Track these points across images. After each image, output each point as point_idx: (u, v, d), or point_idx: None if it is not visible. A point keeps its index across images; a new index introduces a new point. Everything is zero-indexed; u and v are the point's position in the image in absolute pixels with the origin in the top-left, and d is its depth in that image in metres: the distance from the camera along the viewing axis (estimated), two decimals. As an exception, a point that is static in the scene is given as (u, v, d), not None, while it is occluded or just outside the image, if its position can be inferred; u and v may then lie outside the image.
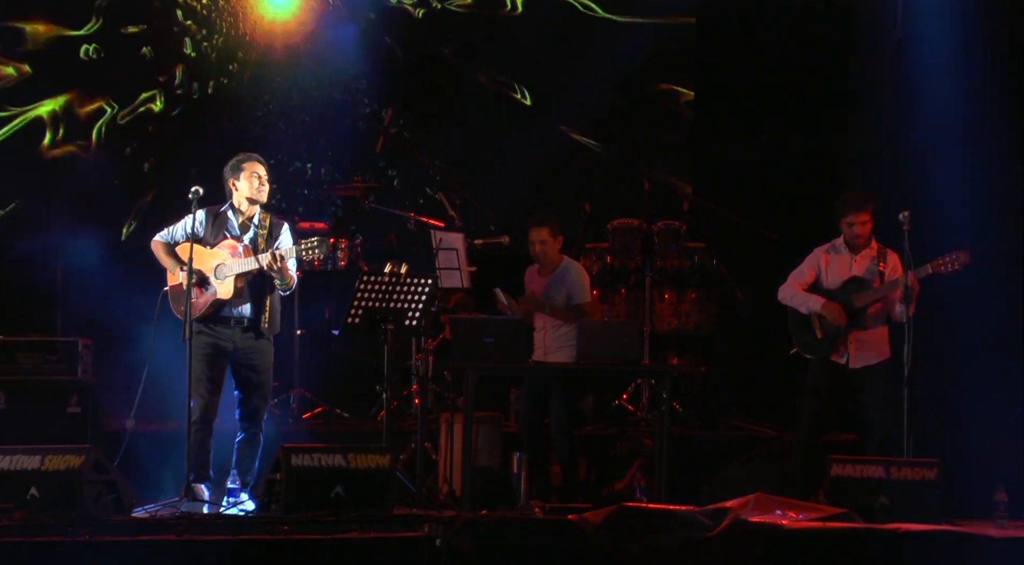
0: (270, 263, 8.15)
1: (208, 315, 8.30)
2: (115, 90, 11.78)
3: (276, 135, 11.88)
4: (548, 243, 9.62)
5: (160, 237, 8.55)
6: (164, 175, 11.61)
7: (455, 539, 7.01)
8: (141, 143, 11.77)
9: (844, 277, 8.89)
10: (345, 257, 11.13)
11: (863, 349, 8.79)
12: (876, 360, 8.79)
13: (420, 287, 8.35)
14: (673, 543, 7.16)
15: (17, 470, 7.39)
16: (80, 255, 11.02)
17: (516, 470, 8.82)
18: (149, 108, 11.80)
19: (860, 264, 8.90)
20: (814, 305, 8.84)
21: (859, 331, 8.78)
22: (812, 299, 8.86)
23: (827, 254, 9.00)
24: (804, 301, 8.90)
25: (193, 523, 7.19)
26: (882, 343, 8.83)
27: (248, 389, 8.41)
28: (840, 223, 8.91)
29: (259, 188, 8.40)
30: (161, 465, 9.01)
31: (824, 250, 9.03)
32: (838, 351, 8.80)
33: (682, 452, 9.50)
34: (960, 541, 7.20)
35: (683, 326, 11.30)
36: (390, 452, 7.73)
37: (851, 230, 8.86)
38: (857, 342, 8.79)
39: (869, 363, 8.78)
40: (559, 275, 9.65)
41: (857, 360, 8.80)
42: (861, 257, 8.91)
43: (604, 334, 9.18)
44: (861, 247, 8.89)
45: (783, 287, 9.04)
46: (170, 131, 11.76)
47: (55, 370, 9.58)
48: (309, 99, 12.11)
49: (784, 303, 9.01)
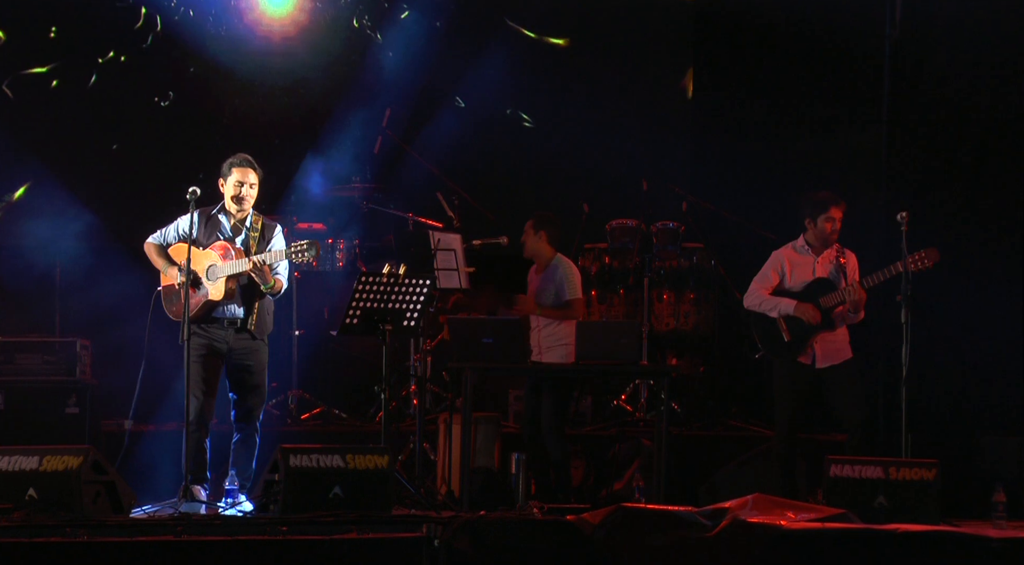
0: (253, 268, 8.15)
1: (199, 316, 8.30)
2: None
3: (275, 134, 11.88)
4: (528, 235, 9.68)
5: (152, 239, 8.56)
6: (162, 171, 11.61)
7: (453, 540, 7.01)
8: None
9: (808, 278, 8.91)
10: (343, 258, 11.14)
11: (828, 350, 8.84)
12: (840, 360, 8.84)
13: (418, 288, 8.34)
14: (672, 543, 7.15)
15: (16, 471, 7.38)
16: (80, 255, 11.03)
17: (514, 470, 8.82)
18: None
19: (823, 265, 8.92)
20: (785, 308, 8.86)
21: (826, 332, 8.81)
22: (783, 302, 8.88)
23: (789, 256, 9.01)
24: (774, 305, 8.92)
25: (191, 524, 7.18)
26: (845, 344, 8.89)
27: (243, 390, 8.42)
28: (814, 221, 8.90)
29: (241, 195, 8.39)
30: (159, 466, 9.01)
31: (786, 252, 9.04)
32: (804, 353, 8.83)
33: (681, 452, 9.51)
34: (959, 541, 7.20)
35: (681, 327, 11.31)
36: (388, 453, 7.72)
37: (830, 226, 8.86)
38: (823, 343, 8.83)
39: (834, 363, 8.83)
40: (549, 272, 9.67)
41: (823, 360, 8.84)
42: (823, 258, 8.94)
43: (603, 335, 9.18)
44: (825, 247, 8.91)
45: (748, 294, 9.06)
46: (165, 125, 11.75)
47: (54, 371, 9.59)
48: (309, 97, 12.12)
49: (752, 309, 9.03)
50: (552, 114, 12.37)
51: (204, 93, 11.76)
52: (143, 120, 11.66)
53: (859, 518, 7.49)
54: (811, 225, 8.94)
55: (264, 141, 11.52)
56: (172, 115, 11.70)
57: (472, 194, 11.56)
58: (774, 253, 9.09)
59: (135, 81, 11.66)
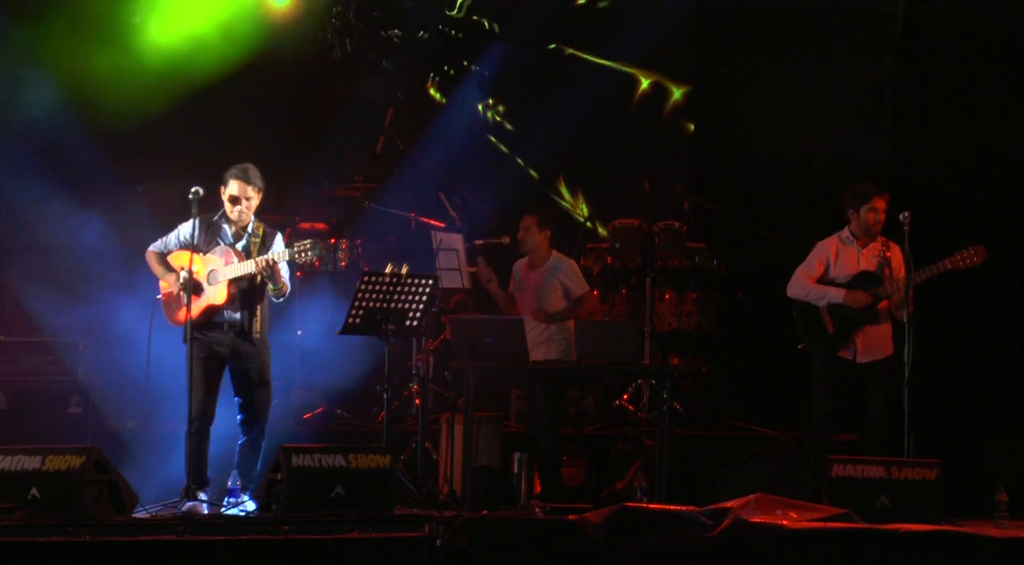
0: (263, 268, 8.16)
1: (201, 321, 8.30)
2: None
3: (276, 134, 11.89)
4: (531, 231, 9.66)
5: (154, 247, 8.57)
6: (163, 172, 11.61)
7: (455, 539, 7.01)
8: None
9: (853, 271, 8.85)
10: (345, 258, 11.14)
11: (870, 344, 8.77)
12: (882, 355, 8.78)
13: (421, 287, 8.34)
14: (674, 543, 7.15)
15: (18, 470, 7.39)
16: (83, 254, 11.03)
17: (516, 470, 8.83)
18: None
19: (867, 258, 8.87)
20: (834, 296, 8.77)
21: (870, 325, 8.75)
22: (831, 290, 8.80)
23: (835, 246, 8.95)
24: (822, 293, 8.82)
25: (194, 523, 7.19)
26: (887, 339, 8.81)
27: (248, 394, 8.42)
28: (857, 212, 8.81)
29: (235, 208, 8.39)
30: (161, 466, 9.02)
31: (833, 242, 8.96)
32: (847, 346, 8.79)
33: (683, 452, 9.50)
34: (960, 541, 7.20)
35: (683, 326, 11.31)
36: (391, 452, 7.72)
37: (873, 216, 8.77)
38: (865, 337, 8.76)
39: (875, 358, 8.77)
40: (550, 270, 9.66)
41: (864, 355, 8.77)
42: (868, 251, 8.88)
43: (605, 334, 9.17)
44: (871, 238, 8.87)
45: (793, 282, 8.95)
46: (169, 129, 11.75)
47: (56, 371, 9.59)
48: (309, 96, 12.13)
49: (796, 298, 8.91)
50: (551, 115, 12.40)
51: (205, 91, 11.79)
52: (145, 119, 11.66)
53: (861, 518, 7.49)
54: (854, 216, 8.87)
55: (266, 140, 11.54)
56: (173, 114, 11.71)
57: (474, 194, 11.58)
58: (819, 243, 9.00)
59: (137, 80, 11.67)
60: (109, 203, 11.27)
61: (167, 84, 11.51)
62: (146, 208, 11.12)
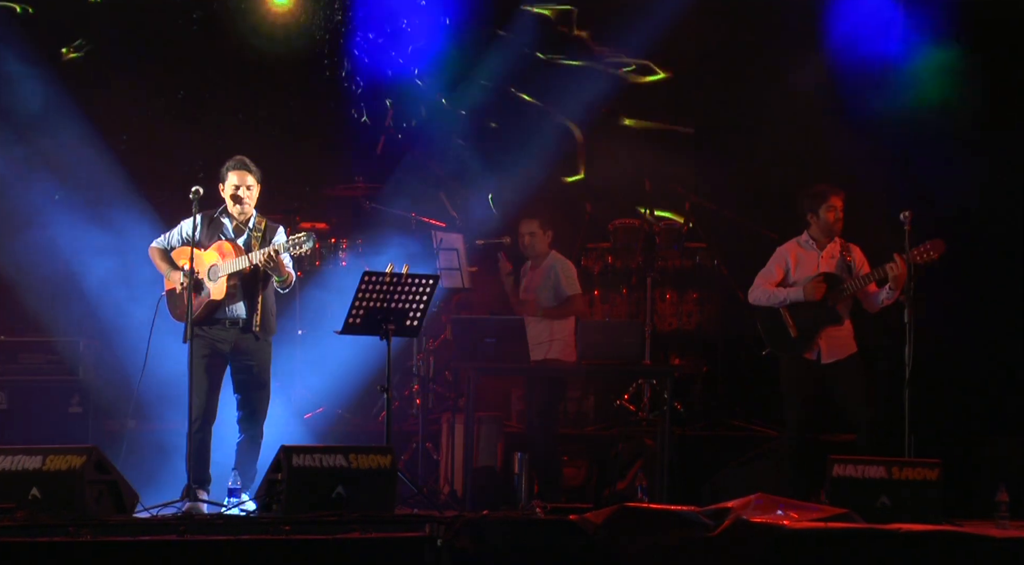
0: (264, 260, 8.15)
1: (202, 318, 8.31)
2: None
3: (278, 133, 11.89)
4: (537, 235, 9.65)
5: (156, 243, 8.59)
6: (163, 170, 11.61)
7: (456, 539, 7.00)
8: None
9: (812, 273, 8.89)
10: (346, 257, 11.15)
11: (833, 344, 8.84)
12: (845, 355, 8.84)
13: (421, 287, 8.35)
14: (674, 543, 7.15)
15: (18, 470, 7.38)
16: (83, 254, 11.03)
17: (517, 470, 8.82)
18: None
19: (827, 260, 8.92)
20: (794, 295, 8.85)
21: (832, 327, 8.80)
22: (790, 291, 8.87)
23: (794, 251, 9.00)
24: (783, 295, 8.90)
25: (194, 523, 7.18)
26: (850, 338, 8.89)
27: (247, 391, 8.42)
28: (816, 213, 8.90)
29: (239, 196, 8.40)
30: (162, 465, 9.02)
31: (791, 247, 9.04)
32: (810, 348, 8.82)
33: (683, 452, 9.51)
34: (960, 541, 7.19)
35: (684, 326, 11.32)
36: (391, 452, 7.72)
37: (833, 215, 8.86)
38: (828, 338, 8.83)
39: (839, 358, 8.84)
40: (547, 269, 9.67)
41: (828, 355, 8.84)
42: (827, 253, 8.94)
43: (605, 334, 9.18)
44: (830, 240, 8.90)
45: (753, 289, 9.04)
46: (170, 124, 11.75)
47: (57, 370, 9.60)
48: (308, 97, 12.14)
49: (758, 303, 9.00)
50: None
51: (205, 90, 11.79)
52: (145, 119, 11.66)
53: (862, 518, 7.49)
54: (814, 219, 8.94)
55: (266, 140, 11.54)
56: (174, 114, 11.71)
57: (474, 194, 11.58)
58: (778, 248, 9.09)
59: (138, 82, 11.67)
60: (109, 202, 11.29)
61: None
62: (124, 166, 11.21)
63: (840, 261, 8.89)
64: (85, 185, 11.27)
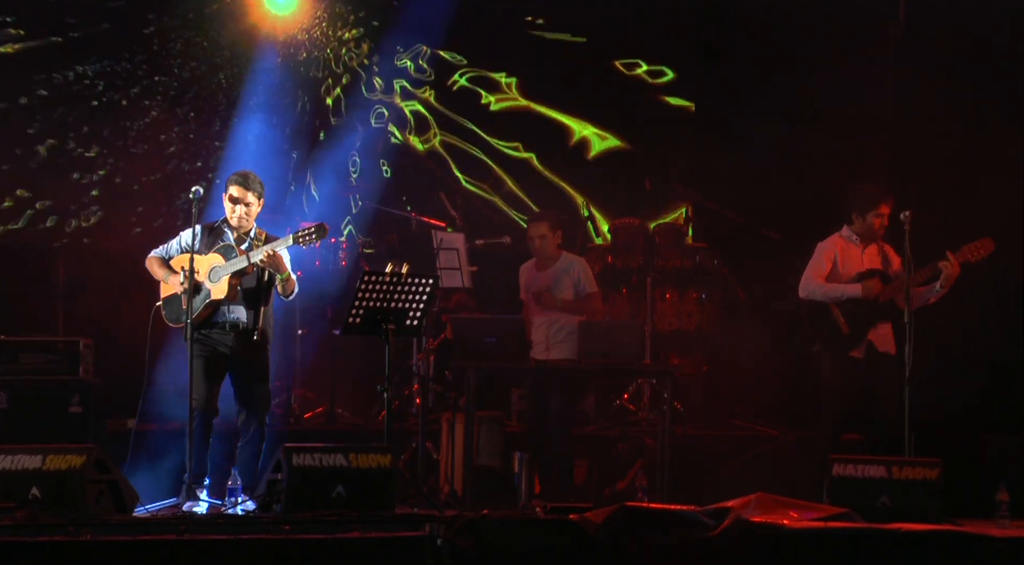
0: (265, 258, 8.15)
1: (204, 318, 8.30)
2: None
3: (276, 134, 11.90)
4: (547, 238, 9.65)
5: (155, 253, 8.58)
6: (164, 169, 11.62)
7: (456, 539, 7.00)
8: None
9: (858, 269, 8.87)
10: (346, 257, 11.15)
11: (880, 342, 8.80)
12: (891, 352, 8.81)
13: (421, 287, 8.35)
14: (674, 543, 7.15)
15: (19, 470, 7.38)
16: (83, 254, 11.04)
17: (517, 469, 8.83)
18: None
19: (871, 256, 8.89)
20: (852, 291, 8.78)
21: (882, 323, 8.77)
22: (848, 287, 8.80)
23: (840, 245, 8.93)
24: (840, 290, 8.81)
25: (194, 523, 7.18)
26: (891, 337, 8.84)
27: (247, 393, 8.42)
28: (863, 216, 8.83)
29: (235, 215, 8.40)
30: (162, 465, 9.02)
31: (836, 241, 8.96)
32: (859, 346, 8.79)
33: (683, 452, 9.51)
34: (960, 541, 7.19)
35: (684, 326, 11.31)
36: (391, 452, 7.72)
37: (879, 221, 8.81)
38: (877, 335, 8.79)
39: (889, 351, 8.81)
40: (562, 269, 9.66)
41: (879, 348, 8.80)
42: (869, 251, 8.90)
43: (606, 334, 9.18)
44: (872, 241, 8.88)
45: (805, 283, 8.93)
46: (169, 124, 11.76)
47: (57, 370, 9.59)
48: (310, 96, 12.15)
49: (812, 298, 8.90)
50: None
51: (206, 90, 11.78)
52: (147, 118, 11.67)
53: (862, 517, 7.49)
54: (858, 219, 8.88)
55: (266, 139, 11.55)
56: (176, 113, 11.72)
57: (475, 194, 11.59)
58: (823, 243, 9.00)
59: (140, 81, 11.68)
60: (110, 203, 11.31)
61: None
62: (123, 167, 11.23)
63: (883, 259, 8.85)
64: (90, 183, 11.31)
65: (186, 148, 11.74)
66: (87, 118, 11.60)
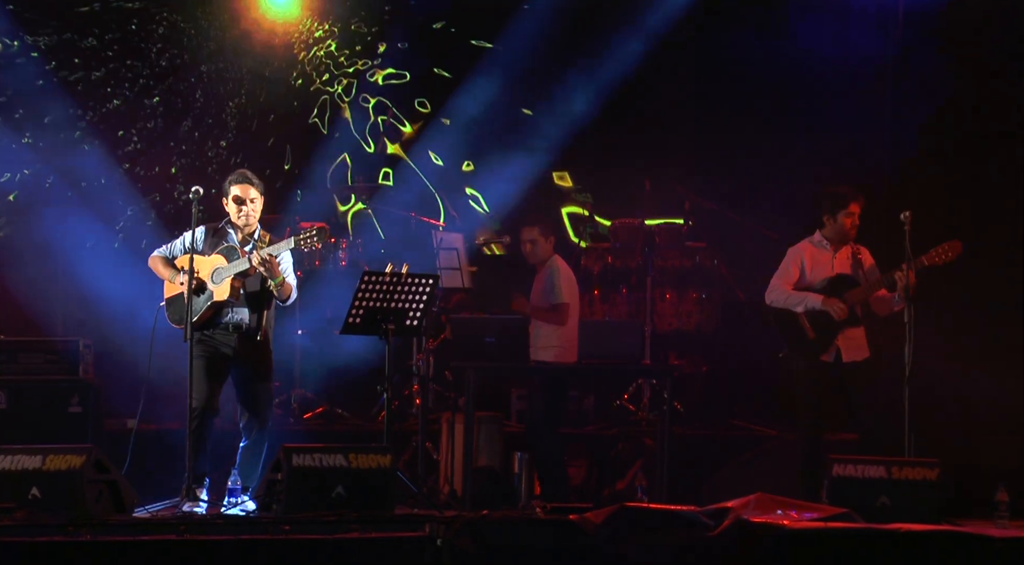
0: (261, 261, 8.14)
1: (207, 319, 8.30)
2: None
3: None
4: (538, 242, 9.62)
5: (158, 252, 8.57)
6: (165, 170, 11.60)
7: (456, 539, 7.00)
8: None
9: (827, 274, 8.85)
10: (346, 257, 11.15)
11: (850, 346, 8.79)
12: (860, 357, 8.80)
13: (421, 287, 8.35)
14: (674, 543, 7.15)
15: (18, 470, 7.39)
16: (83, 253, 11.04)
17: (517, 470, 8.83)
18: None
19: (841, 261, 8.87)
20: (812, 302, 8.78)
21: (850, 328, 8.76)
22: (809, 296, 8.80)
23: (808, 251, 8.93)
24: (801, 299, 8.82)
25: (194, 523, 7.18)
26: (864, 340, 8.84)
27: (249, 395, 8.42)
28: (833, 217, 8.82)
29: (242, 213, 8.40)
30: (162, 465, 9.02)
31: (806, 246, 8.95)
32: (828, 350, 8.78)
33: (683, 452, 9.51)
34: (960, 541, 7.19)
35: (684, 326, 11.31)
36: (391, 452, 7.72)
37: (850, 221, 8.80)
38: (844, 340, 8.78)
39: (855, 359, 8.79)
40: (548, 272, 9.66)
41: (846, 356, 8.78)
42: (841, 254, 8.88)
43: (605, 334, 9.18)
44: (843, 243, 8.86)
45: (770, 290, 8.95)
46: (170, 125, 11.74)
47: (56, 370, 9.59)
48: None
49: (775, 305, 8.92)
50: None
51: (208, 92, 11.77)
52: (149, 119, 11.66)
53: (861, 518, 7.49)
54: (830, 221, 8.86)
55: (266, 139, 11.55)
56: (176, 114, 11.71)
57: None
58: (792, 248, 9.00)
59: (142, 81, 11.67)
60: (111, 204, 11.30)
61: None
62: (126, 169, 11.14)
63: (854, 262, 8.84)
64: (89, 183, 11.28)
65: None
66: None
